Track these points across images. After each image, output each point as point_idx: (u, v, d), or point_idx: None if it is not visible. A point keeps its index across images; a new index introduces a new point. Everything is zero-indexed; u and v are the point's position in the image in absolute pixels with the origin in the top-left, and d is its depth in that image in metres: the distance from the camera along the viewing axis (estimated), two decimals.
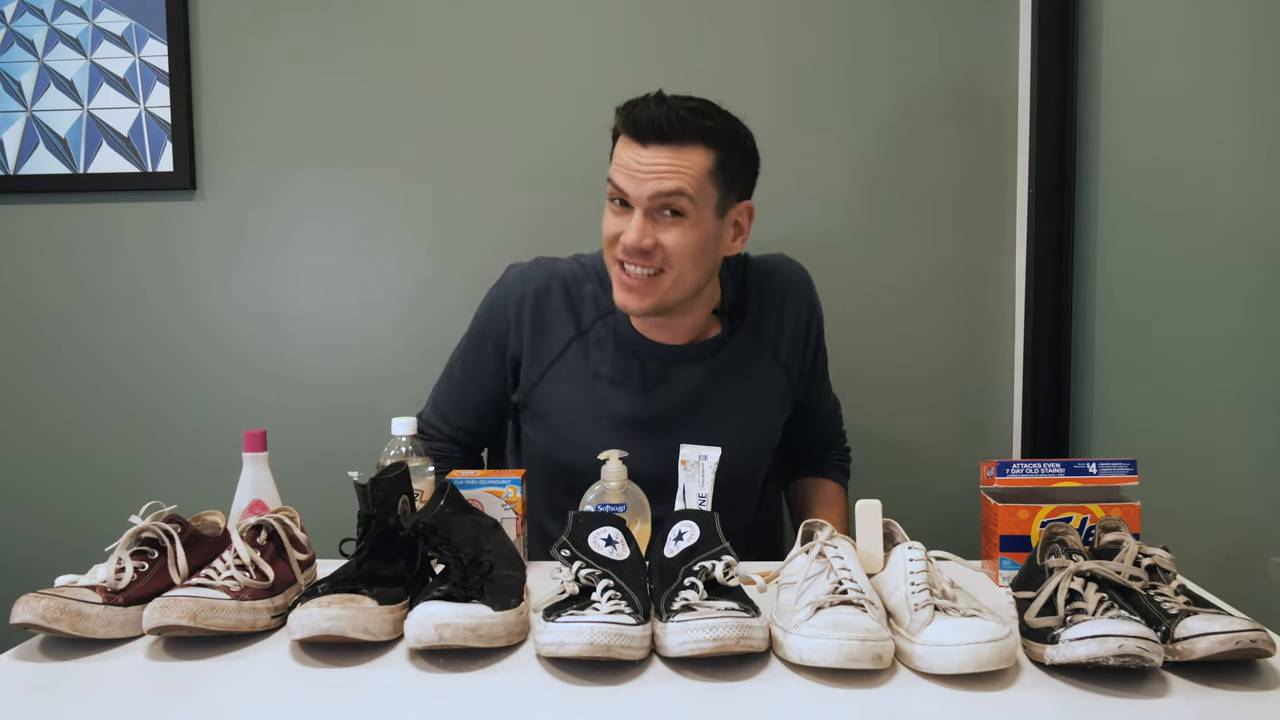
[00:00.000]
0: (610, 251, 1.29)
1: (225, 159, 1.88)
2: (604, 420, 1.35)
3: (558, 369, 1.37)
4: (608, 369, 1.36)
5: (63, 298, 1.92)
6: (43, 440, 1.94)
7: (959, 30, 1.77)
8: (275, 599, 0.98)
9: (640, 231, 1.23)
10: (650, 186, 1.22)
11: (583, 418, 1.36)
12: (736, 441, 1.29)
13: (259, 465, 1.18)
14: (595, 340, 1.37)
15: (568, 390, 1.37)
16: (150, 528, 1.02)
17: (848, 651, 0.81)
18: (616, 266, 1.29)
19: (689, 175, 1.23)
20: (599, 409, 1.36)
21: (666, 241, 1.24)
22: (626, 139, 1.26)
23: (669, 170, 1.23)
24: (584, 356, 1.37)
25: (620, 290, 1.29)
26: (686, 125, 1.23)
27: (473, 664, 0.87)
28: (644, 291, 1.27)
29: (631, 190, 1.24)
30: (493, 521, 1.11)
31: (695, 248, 1.26)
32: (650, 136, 1.23)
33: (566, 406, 1.37)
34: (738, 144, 1.29)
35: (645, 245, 1.24)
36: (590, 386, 1.37)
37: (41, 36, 1.87)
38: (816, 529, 1.03)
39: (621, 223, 1.26)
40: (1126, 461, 1.11)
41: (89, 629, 0.92)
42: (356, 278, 1.88)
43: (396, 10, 1.83)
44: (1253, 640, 0.80)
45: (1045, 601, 0.87)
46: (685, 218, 1.24)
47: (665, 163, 1.23)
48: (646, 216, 1.24)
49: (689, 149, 1.23)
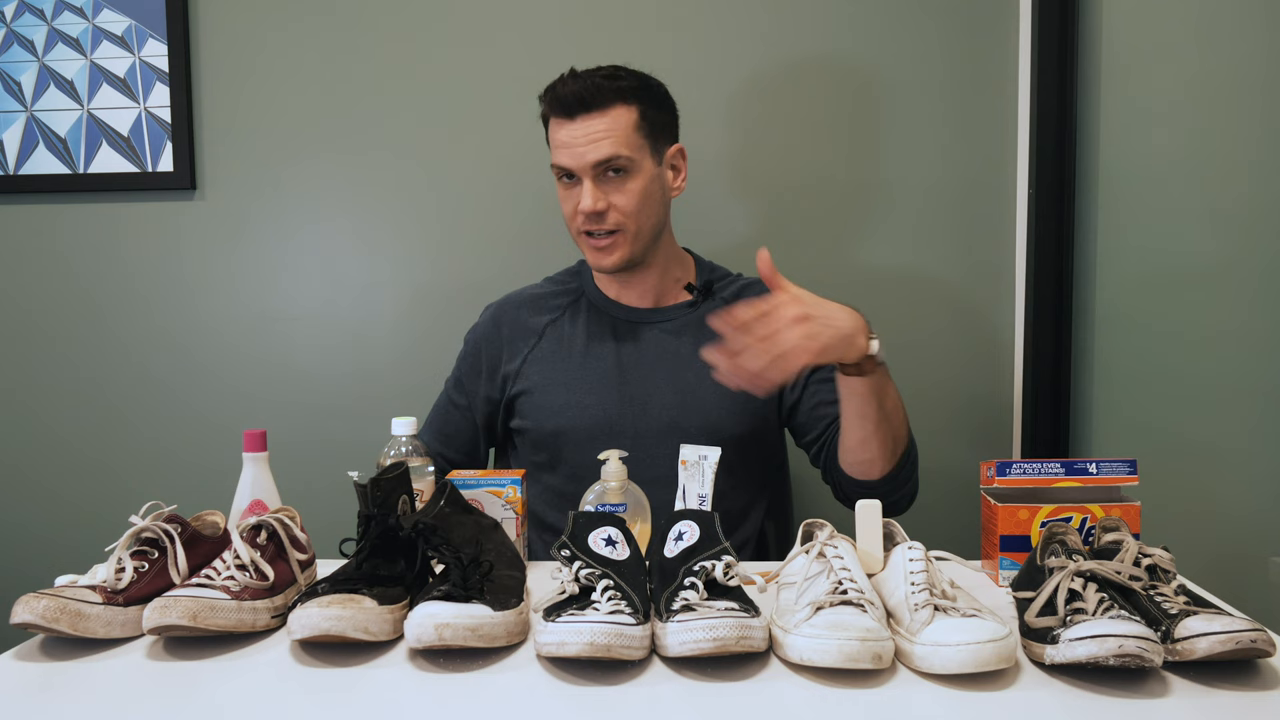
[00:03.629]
0: (574, 225, 1.39)
1: (225, 159, 1.88)
2: (583, 380, 1.42)
3: (535, 355, 1.46)
4: (583, 335, 1.45)
5: (62, 298, 1.92)
6: (41, 439, 1.94)
7: (960, 32, 1.77)
8: (275, 599, 0.98)
9: (593, 196, 1.34)
10: (590, 154, 1.33)
11: (562, 381, 1.43)
12: (711, 396, 1.37)
13: (259, 465, 1.18)
14: (569, 319, 1.48)
15: (547, 367, 1.45)
16: (150, 528, 1.02)
17: (848, 651, 0.81)
18: (583, 237, 1.39)
19: (619, 134, 1.34)
20: (577, 371, 1.43)
21: (618, 201, 1.36)
22: (556, 119, 1.36)
23: (601, 135, 1.33)
24: (558, 336, 1.46)
25: (592, 254, 1.40)
26: (604, 90, 1.34)
27: (473, 664, 0.87)
28: (611, 248, 1.38)
29: (574, 163, 1.34)
30: (493, 521, 1.11)
31: (643, 197, 1.37)
32: (576, 109, 1.34)
33: (547, 379, 1.44)
34: (653, 95, 1.40)
35: (600, 207, 1.34)
36: (568, 355, 1.45)
37: (41, 36, 1.87)
38: (816, 529, 1.03)
39: (574, 195, 1.36)
40: (1126, 461, 1.11)
41: (89, 629, 0.92)
42: (356, 277, 1.89)
43: (395, 12, 1.83)
44: (1253, 640, 0.80)
45: (1045, 601, 0.87)
46: (628, 174, 1.36)
47: (596, 129, 1.33)
48: (594, 182, 1.34)
49: (612, 110, 1.34)
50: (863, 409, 1.25)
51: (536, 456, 1.44)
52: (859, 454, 1.29)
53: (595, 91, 1.33)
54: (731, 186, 1.81)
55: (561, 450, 1.41)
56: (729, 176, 1.81)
